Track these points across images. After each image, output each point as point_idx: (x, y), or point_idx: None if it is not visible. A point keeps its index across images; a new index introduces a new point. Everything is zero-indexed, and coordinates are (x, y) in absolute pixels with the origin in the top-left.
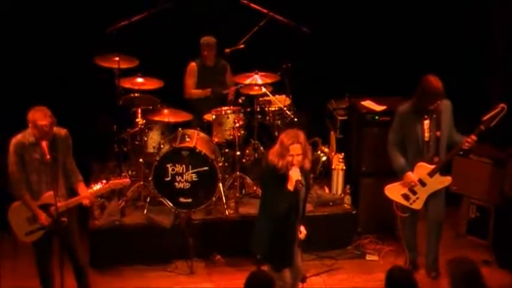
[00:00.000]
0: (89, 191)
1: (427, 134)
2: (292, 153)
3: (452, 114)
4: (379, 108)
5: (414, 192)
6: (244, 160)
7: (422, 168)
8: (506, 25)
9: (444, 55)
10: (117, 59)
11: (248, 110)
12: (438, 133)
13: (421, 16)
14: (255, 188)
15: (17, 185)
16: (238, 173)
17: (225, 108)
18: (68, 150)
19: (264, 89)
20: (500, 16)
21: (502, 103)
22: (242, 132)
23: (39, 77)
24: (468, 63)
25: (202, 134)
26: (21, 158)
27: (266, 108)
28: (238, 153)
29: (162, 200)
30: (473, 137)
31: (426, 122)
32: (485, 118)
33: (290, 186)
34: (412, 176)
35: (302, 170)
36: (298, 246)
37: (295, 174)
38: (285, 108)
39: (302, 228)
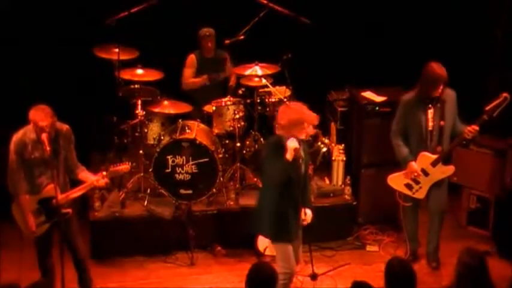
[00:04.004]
0: (99, 174)
1: (430, 124)
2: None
3: (456, 104)
4: (379, 99)
5: (417, 182)
6: (244, 151)
7: (425, 158)
8: (505, 15)
9: (444, 45)
10: (116, 50)
11: (248, 101)
12: (442, 123)
13: (421, 7)
14: (255, 179)
15: (13, 183)
16: (238, 164)
17: (225, 99)
18: (69, 145)
19: (264, 81)
20: (498, 6)
21: (504, 93)
22: (242, 123)
23: (38, 68)
24: (467, 53)
25: (202, 126)
26: (21, 156)
27: (266, 100)
28: (238, 144)
29: (163, 191)
30: (476, 127)
31: (430, 111)
32: (487, 108)
33: (289, 156)
34: (415, 166)
35: (300, 141)
36: (300, 229)
37: (292, 144)
38: (285, 100)
39: (308, 211)
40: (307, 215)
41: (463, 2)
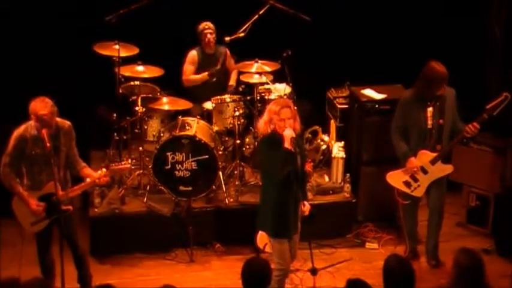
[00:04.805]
0: (99, 171)
1: (430, 122)
2: (283, 118)
3: (456, 102)
4: (379, 96)
5: (416, 180)
6: (244, 148)
7: (425, 156)
8: (505, 13)
9: (444, 43)
10: (116, 47)
11: (248, 98)
12: (441, 121)
13: (422, 4)
14: (254, 176)
15: (5, 176)
16: (238, 161)
17: (225, 96)
18: (71, 142)
19: (264, 78)
20: (499, 4)
21: (505, 92)
22: (242, 120)
23: (38, 65)
24: (467, 51)
25: (202, 122)
26: (21, 151)
27: (266, 97)
28: (238, 141)
29: (162, 188)
30: (476, 125)
31: (429, 110)
32: (488, 107)
33: (287, 145)
34: (414, 161)
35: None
36: (301, 221)
37: (289, 133)
38: (284, 97)
39: (307, 203)
40: (305, 206)
41: (463, 0)
